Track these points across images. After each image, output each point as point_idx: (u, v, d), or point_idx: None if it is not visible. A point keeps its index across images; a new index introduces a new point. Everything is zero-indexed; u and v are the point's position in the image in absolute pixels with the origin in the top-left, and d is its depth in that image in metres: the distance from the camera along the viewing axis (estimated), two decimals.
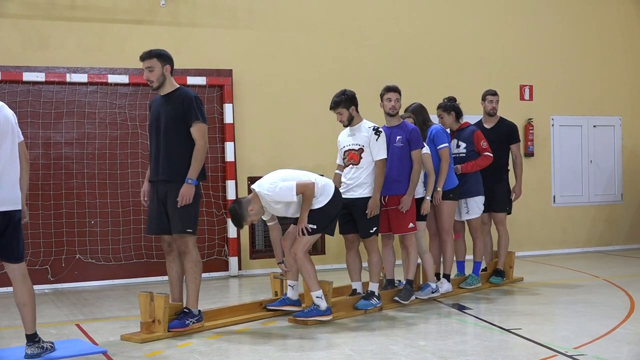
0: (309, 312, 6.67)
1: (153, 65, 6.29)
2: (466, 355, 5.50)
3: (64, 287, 9.25)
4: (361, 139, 7.10)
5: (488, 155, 8.23)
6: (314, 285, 6.66)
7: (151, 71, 6.29)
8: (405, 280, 7.55)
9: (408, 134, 7.35)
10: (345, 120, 7.13)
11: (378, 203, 7.07)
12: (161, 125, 6.32)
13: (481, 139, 8.25)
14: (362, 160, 7.08)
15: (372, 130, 7.08)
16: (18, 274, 5.33)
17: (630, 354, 5.53)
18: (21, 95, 9.08)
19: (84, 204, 9.38)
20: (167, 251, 6.49)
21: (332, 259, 10.50)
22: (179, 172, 6.24)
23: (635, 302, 7.46)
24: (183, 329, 6.24)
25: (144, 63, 6.31)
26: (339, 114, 7.12)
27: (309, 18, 10.64)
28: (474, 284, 8.34)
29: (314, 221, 6.66)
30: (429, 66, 11.22)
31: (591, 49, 12.29)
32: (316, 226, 6.67)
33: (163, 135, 6.30)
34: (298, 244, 6.67)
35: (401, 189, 7.32)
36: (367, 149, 7.07)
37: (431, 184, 7.65)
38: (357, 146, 7.11)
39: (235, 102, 10.00)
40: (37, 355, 5.35)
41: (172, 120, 6.28)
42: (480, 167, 8.24)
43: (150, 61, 6.29)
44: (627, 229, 12.52)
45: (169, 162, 6.27)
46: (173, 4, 9.88)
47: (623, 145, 12.51)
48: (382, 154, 7.07)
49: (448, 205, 7.93)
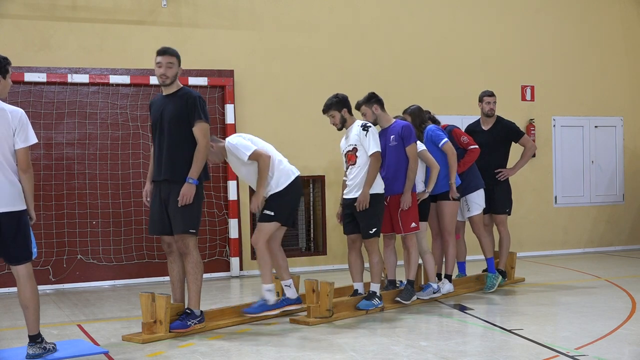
0: (258, 307, 6.71)
1: (173, 62, 6.33)
2: (467, 355, 5.50)
3: (66, 287, 9.26)
4: (353, 139, 7.16)
5: (473, 148, 8.15)
6: (266, 278, 6.72)
7: (170, 67, 6.30)
8: (406, 280, 7.56)
9: (400, 130, 7.37)
10: (338, 122, 7.21)
11: (367, 197, 7.05)
12: (164, 125, 6.31)
13: (461, 135, 8.21)
14: (358, 159, 7.12)
15: (360, 127, 7.13)
16: (23, 274, 5.33)
17: (631, 355, 5.52)
18: (23, 96, 9.09)
19: (85, 204, 9.39)
20: (167, 252, 6.49)
21: (334, 259, 10.50)
22: (181, 172, 6.23)
23: (637, 302, 7.45)
24: (185, 330, 6.24)
25: (164, 57, 6.30)
26: (331, 117, 7.22)
27: (310, 19, 10.64)
28: (496, 282, 8.29)
29: (272, 208, 6.70)
30: (430, 67, 11.22)
31: (593, 50, 12.28)
32: (273, 213, 6.69)
33: (166, 135, 6.29)
34: (259, 233, 6.70)
35: (401, 187, 7.33)
36: (360, 147, 7.10)
37: (433, 179, 7.63)
38: (351, 147, 7.17)
39: (236, 102, 10.00)
40: (39, 356, 5.35)
41: (175, 119, 6.28)
42: (470, 162, 8.18)
43: (171, 57, 6.33)
44: (629, 230, 12.51)
45: (172, 162, 6.27)
46: (174, 4, 9.88)
47: (624, 146, 12.50)
48: (373, 147, 7.07)
49: (450, 205, 7.92)
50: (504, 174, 8.64)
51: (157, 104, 6.50)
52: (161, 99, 6.46)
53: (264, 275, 6.75)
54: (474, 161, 8.20)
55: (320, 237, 10.58)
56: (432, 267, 7.76)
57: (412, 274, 7.51)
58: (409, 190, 7.33)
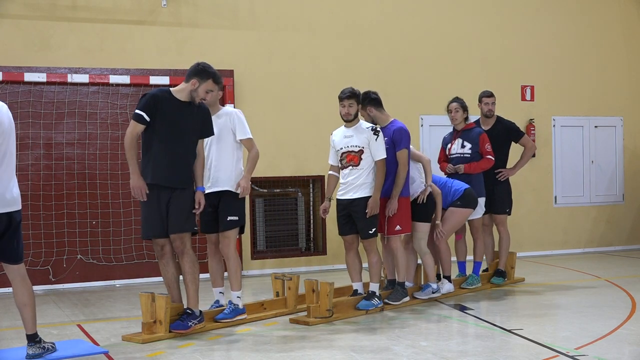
0: (231, 313, 6.71)
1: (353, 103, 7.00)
2: (467, 355, 5.50)
3: (65, 287, 9.26)
4: (361, 140, 7.07)
5: (490, 159, 8.25)
6: (238, 284, 6.75)
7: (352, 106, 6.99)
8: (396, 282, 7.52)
9: (392, 134, 7.31)
10: (351, 114, 7.08)
11: (378, 202, 7.06)
12: (186, 133, 6.28)
13: (486, 142, 8.27)
14: (363, 161, 7.07)
15: (370, 130, 7.08)
16: (17, 274, 5.33)
17: (631, 355, 5.52)
18: (22, 96, 9.09)
19: (85, 204, 9.39)
20: (160, 255, 6.42)
21: (334, 259, 10.50)
22: (190, 178, 6.37)
23: (637, 302, 7.45)
24: (185, 330, 6.24)
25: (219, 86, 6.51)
26: (349, 106, 7.05)
27: (310, 19, 10.64)
28: (474, 284, 8.34)
29: (237, 212, 6.69)
30: (430, 67, 11.22)
31: (592, 50, 12.28)
32: (237, 218, 6.70)
33: (187, 143, 6.30)
34: (230, 241, 6.66)
35: (389, 190, 7.26)
36: (367, 150, 7.06)
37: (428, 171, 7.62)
38: (356, 148, 7.08)
39: (236, 102, 10.00)
40: (39, 356, 5.35)
41: (195, 129, 6.33)
42: (482, 169, 8.27)
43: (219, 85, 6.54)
44: (629, 230, 12.51)
45: (186, 170, 6.32)
46: (174, 4, 9.88)
47: (624, 146, 12.50)
48: (382, 153, 7.06)
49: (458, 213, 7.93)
50: (504, 174, 8.65)
51: (169, 105, 6.26)
52: (178, 104, 6.27)
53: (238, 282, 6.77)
54: (484, 170, 8.29)
55: (320, 237, 10.58)
56: (432, 267, 7.75)
57: (402, 275, 7.44)
58: (396, 196, 7.21)
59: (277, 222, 10.51)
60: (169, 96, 6.30)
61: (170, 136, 6.24)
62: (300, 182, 10.64)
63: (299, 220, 10.63)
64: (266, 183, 10.39)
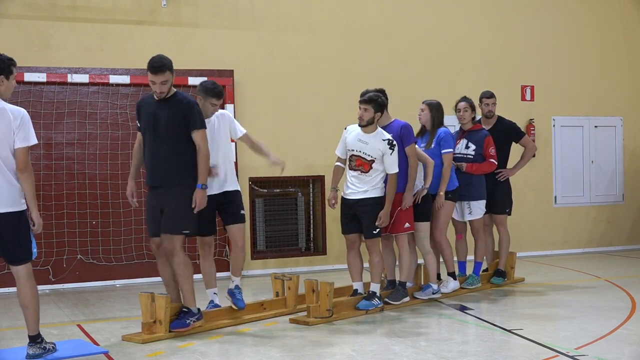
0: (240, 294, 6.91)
1: (168, 78, 6.18)
2: (467, 355, 5.50)
3: (65, 287, 9.25)
4: (375, 152, 7.05)
5: (493, 162, 8.27)
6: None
7: (165, 84, 6.18)
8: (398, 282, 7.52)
9: (399, 130, 7.30)
10: (365, 119, 7.04)
11: (389, 214, 7.10)
12: (159, 130, 6.26)
13: (491, 145, 8.27)
14: (372, 170, 7.08)
15: (386, 143, 7.04)
16: (23, 274, 5.34)
17: (631, 355, 5.53)
18: (22, 96, 9.08)
19: (85, 204, 9.39)
20: (156, 254, 6.46)
21: (334, 259, 10.50)
22: (178, 176, 6.26)
23: (637, 302, 7.46)
24: (185, 328, 6.24)
25: (157, 76, 6.13)
26: (365, 110, 7.03)
27: (311, 19, 10.64)
28: (475, 284, 8.34)
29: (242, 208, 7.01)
30: (430, 67, 11.21)
31: (592, 50, 12.27)
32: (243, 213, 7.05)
33: (162, 141, 6.26)
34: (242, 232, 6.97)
35: (398, 187, 7.28)
36: (379, 161, 7.06)
37: (429, 174, 7.56)
38: (369, 157, 7.07)
39: (236, 102, 10.00)
40: (39, 356, 5.36)
41: (172, 124, 6.24)
42: (483, 171, 8.28)
43: (165, 75, 6.14)
44: (629, 230, 12.51)
45: (169, 167, 6.26)
46: (174, 4, 9.88)
47: (624, 146, 12.50)
48: (395, 168, 7.08)
49: (446, 205, 7.91)
50: (504, 174, 8.65)
51: (148, 107, 6.37)
52: (153, 103, 6.34)
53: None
54: (485, 173, 8.30)
55: (320, 237, 10.58)
56: (434, 267, 7.76)
57: (404, 275, 7.46)
58: (411, 189, 7.31)
59: (277, 222, 10.51)
60: (150, 99, 6.40)
61: (150, 136, 6.33)
62: (300, 182, 10.63)
63: (299, 220, 10.63)
64: (266, 183, 10.39)
